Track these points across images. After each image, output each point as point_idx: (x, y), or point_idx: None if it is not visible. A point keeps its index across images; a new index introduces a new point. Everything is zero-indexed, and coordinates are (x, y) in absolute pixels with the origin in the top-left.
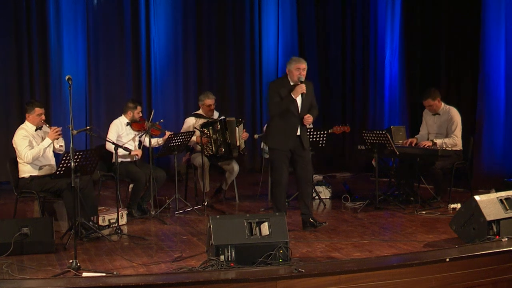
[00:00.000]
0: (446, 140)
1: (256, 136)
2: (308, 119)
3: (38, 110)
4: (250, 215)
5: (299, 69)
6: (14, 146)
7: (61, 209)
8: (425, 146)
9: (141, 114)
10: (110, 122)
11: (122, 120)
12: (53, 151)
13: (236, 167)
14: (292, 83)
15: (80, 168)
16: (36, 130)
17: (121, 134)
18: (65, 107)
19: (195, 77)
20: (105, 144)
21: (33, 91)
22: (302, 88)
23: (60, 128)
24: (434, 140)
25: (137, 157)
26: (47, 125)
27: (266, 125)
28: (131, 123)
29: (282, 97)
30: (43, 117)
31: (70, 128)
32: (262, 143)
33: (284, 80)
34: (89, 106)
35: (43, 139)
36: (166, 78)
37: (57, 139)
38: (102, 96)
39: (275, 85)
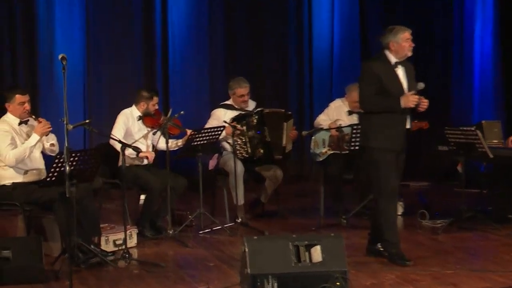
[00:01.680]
0: None
1: (304, 133)
2: (424, 104)
3: (19, 97)
4: (298, 236)
5: (409, 39)
6: None
7: (52, 226)
8: None
9: (157, 107)
10: (114, 115)
11: (134, 112)
12: (41, 152)
13: (279, 173)
14: (395, 61)
15: (77, 174)
16: (20, 124)
17: (131, 129)
18: (58, 95)
19: (224, 60)
20: (108, 143)
21: (15, 75)
22: (415, 99)
23: (49, 122)
24: None
25: (147, 160)
26: (34, 117)
27: (316, 120)
28: (144, 117)
29: (385, 86)
30: (27, 106)
31: (64, 122)
32: (312, 143)
33: (382, 58)
34: (88, 94)
35: (28, 136)
36: (187, 60)
37: (46, 135)
38: (104, 81)
39: (372, 68)
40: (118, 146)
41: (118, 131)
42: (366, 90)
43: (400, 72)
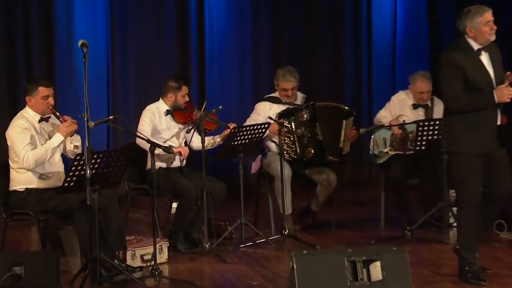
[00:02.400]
0: None
1: (361, 130)
2: None
3: (43, 90)
4: (354, 251)
5: (489, 22)
6: (8, 143)
7: (70, 239)
8: None
9: (187, 99)
10: (142, 110)
11: (160, 106)
12: (62, 154)
13: (332, 177)
14: (477, 47)
15: (99, 178)
16: (40, 121)
17: (159, 126)
18: (77, 87)
19: (270, 46)
20: (134, 142)
21: (29, 65)
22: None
23: (75, 121)
24: None
25: (180, 157)
26: (58, 114)
27: (376, 116)
28: (173, 112)
29: (471, 79)
30: (51, 101)
31: (85, 119)
32: (371, 142)
33: (462, 46)
34: (112, 87)
35: (50, 136)
36: (226, 46)
37: (71, 135)
38: (131, 72)
39: (455, 59)
40: (146, 146)
41: (144, 128)
42: (452, 87)
43: (485, 59)
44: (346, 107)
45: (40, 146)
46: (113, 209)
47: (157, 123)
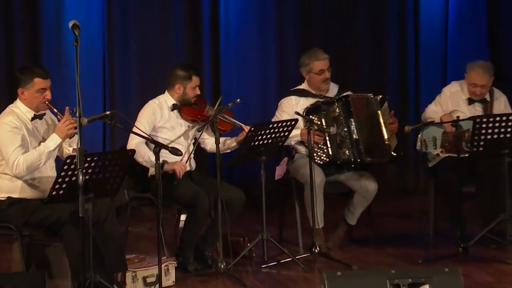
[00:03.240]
0: None
1: (407, 128)
2: None
3: (39, 82)
4: (398, 272)
5: None
6: None
7: (59, 257)
8: None
9: (198, 92)
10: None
11: (165, 100)
12: (56, 158)
13: (372, 185)
14: None
15: (94, 186)
16: (33, 118)
17: (162, 124)
18: (67, 77)
19: (297, 32)
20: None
21: (11, 51)
22: None
23: (75, 119)
24: None
25: (179, 171)
26: (56, 111)
27: (424, 111)
28: (181, 107)
29: None
30: (48, 95)
31: (77, 114)
32: (419, 143)
33: None
34: (109, 77)
35: (44, 137)
36: (245, 32)
37: (71, 136)
38: (131, 60)
39: None
40: (143, 148)
41: (143, 127)
42: None
43: None
44: (375, 96)
45: (32, 150)
46: (111, 222)
47: (159, 121)
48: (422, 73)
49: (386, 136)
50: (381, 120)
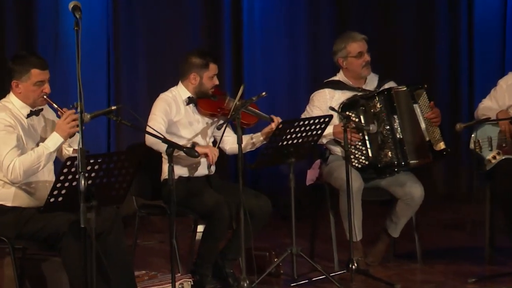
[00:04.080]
0: None
1: (459, 126)
2: None
3: (37, 74)
4: None
5: None
6: None
7: (57, 274)
8: None
9: (217, 82)
10: (155, 99)
11: (179, 93)
12: (55, 159)
13: (418, 191)
14: None
15: (98, 192)
16: (29, 115)
17: (177, 120)
18: (66, 67)
19: (332, 16)
20: (144, 142)
21: (2, 37)
22: None
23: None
24: None
25: (207, 162)
26: (56, 106)
27: (478, 107)
28: (198, 100)
29: None
30: (46, 88)
31: (78, 110)
32: (472, 144)
33: None
34: (114, 67)
35: (41, 136)
36: (270, 15)
37: (72, 135)
38: (139, 47)
39: None
40: (162, 147)
41: (156, 126)
42: None
43: None
44: (412, 85)
45: (30, 151)
46: (116, 234)
47: (174, 117)
48: (477, 63)
49: (425, 132)
50: (419, 114)
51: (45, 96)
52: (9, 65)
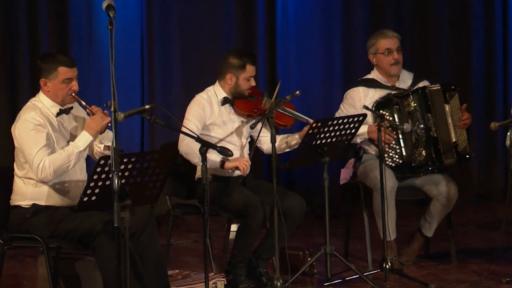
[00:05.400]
0: None
1: (493, 125)
2: None
3: (64, 71)
4: None
5: None
6: (15, 143)
7: (91, 273)
8: None
9: (254, 83)
10: (191, 98)
11: (215, 93)
12: (87, 158)
13: (453, 190)
14: None
15: (131, 191)
16: (59, 114)
17: (212, 121)
18: (100, 66)
19: (368, 14)
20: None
21: (34, 36)
22: None
23: (107, 112)
24: None
25: (243, 167)
26: (85, 104)
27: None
28: (234, 100)
29: None
30: (74, 85)
31: (112, 109)
32: (508, 141)
33: None
34: (148, 66)
35: (73, 135)
36: (305, 13)
37: (102, 132)
38: (174, 47)
39: None
40: (195, 158)
41: (192, 124)
42: None
43: None
44: (446, 85)
45: (60, 150)
46: (150, 233)
47: (208, 119)
48: (511, 64)
49: (453, 133)
50: (448, 115)
51: (73, 94)
52: (38, 64)
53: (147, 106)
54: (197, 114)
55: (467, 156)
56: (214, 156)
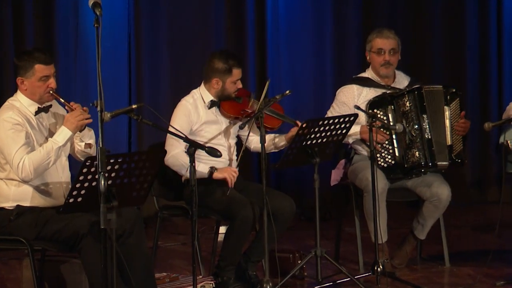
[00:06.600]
0: None
1: (487, 125)
2: None
3: (41, 69)
4: None
5: None
6: None
7: (77, 276)
8: None
9: (240, 86)
10: (179, 98)
11: (201, 96)
12: (68, 156)
13: (445, 192)
14: None
15: (118, 192)
16: (37, 112)
17: (198, 126)
18: (86, 65)
19: (359, 11)
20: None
21: (19, 33)
22: None
23: (87, 108)
24: None
25: (230, 178)
26: (63, 100)
27: (509, 106)
28: (221, 102)
29: None
30: (52, 83)
31: (98, 108)
32: (500, 142)
33: None
34: (135, 65)
35: (51, 131)
36: (296, 9)
37: (81, 129)
38: (162, 45)
39: None
40: (182, 170)
41: (175, 143)
42: None
43: None
44: (448, 87)
45: (39, 148)
46: (137, 235)
47: (195, 124)
48: (506, 62)
49: (448, 137)
50: (446, 118)
51: (51, 92)
52: (14, 62)
53: (134, 106)
54: (182, 122)
55: (460, 161)
56: (201, 167)
